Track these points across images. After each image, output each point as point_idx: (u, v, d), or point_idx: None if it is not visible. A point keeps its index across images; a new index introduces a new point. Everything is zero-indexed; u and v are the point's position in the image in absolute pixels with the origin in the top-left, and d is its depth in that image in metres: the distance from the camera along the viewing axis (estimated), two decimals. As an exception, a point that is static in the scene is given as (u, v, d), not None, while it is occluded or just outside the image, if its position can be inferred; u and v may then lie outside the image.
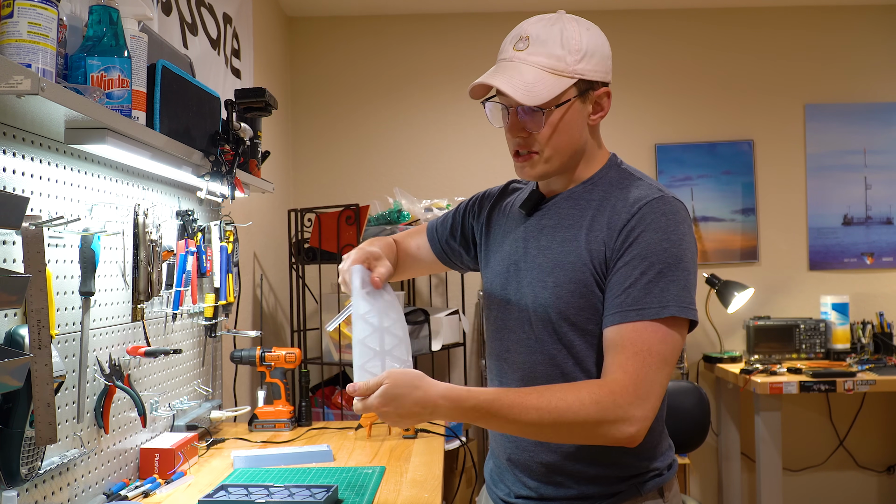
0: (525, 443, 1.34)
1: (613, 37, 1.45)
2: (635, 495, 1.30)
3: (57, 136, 1.35)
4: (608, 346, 1.23)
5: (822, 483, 3.89)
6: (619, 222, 1.25)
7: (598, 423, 1.17)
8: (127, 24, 1.44)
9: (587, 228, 1.29)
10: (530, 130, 1.29)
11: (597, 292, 1.26)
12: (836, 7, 3.95)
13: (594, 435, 1.20)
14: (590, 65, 1.28)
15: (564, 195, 1.36)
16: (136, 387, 1.73)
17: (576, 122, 1.30)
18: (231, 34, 2.73)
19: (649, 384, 1.18)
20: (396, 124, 3.94)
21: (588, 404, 1.17)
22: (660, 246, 1.22)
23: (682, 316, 1.21)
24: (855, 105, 3.94)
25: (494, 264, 1.43)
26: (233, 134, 1.95)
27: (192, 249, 1.97)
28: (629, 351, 1.19)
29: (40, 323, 1.24)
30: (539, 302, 1.30)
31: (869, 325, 3.67)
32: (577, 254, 1.28)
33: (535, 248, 1.34)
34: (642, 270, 1.21)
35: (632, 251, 1.22)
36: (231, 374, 2.56)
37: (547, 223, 1.35)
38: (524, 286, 1.34)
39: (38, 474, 1.28)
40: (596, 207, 1.30)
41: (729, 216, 3.93)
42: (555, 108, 1.27)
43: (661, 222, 1.23)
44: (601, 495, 1.30)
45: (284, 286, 3.51)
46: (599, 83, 1.32)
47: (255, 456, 1.87)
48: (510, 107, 1.30)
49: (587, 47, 1.28)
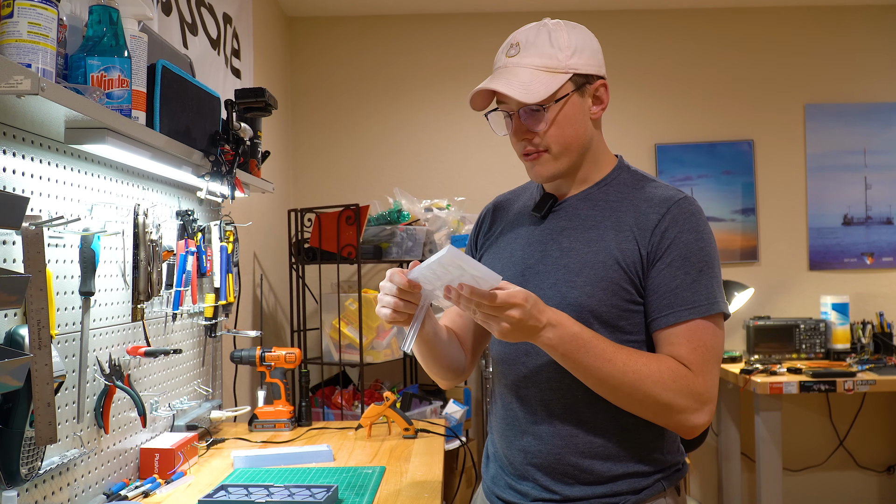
0: (551, 445, 1.33)
1: (613, 36, 1.47)
2: (660, 492, 1.33)
3: (57, 136, 1.35)
4: (664, 345, 1.27)
5: (822, 483, 3.89)
6: (649, 223, 1.29)
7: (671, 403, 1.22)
8: (127, 24, 1.44)
9: (614, 229, 1.31)
10: (534, 130, 1.31)
11: (629, 289, 1.29)
12: (836, 7, 3.96)
13: (668, 411, 1.23)
14: (581, 59, 1.32)
15: (580, 196, 1.38)
16: (136, 387, 1.73)
17: (577, 117, 1.33)
18: (231, 34, 2.73)
19: (712, 378, 1.25)
20: (396, 124, 3.94)
21: (668, 380, 1.21)
22: (696, 245, 1.27)
23: (725, 311, 1.27)
24: (855, 105, 3.94)
25: (504, 269, 1.40)
26: (233, 134, 1.95)
27: (192, 249, 1.97)
28: (688, 347, 1.24)
29: (40, 323, 1.24)
30: (568, 301, 1.29)
31: (869, 325, 3.67)
32: (606, 253, 1.30)
33: (556, 249, 1.35)
34: (686, 271, 1.26)
35: (671, 252, 1.27)
36: (231, 374, 2.56)
37: (566, 225, 1.36)
38: (546, 288, 1.32)
39: (38, 474, 1.28)
40: (616, 208, 1.34)
41: (729, 216, 3.93)
42: (554, 104, 1.30)
43: (693, 222, 1.28)
44: (628, 491, 1.31)
45: (284, 286, 3.51)
46: (595, 76, 1.34)
47: (255, 456, 1.87)
48: (511, 112, 1.33)
49: (576, 43, 1.32)
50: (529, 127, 1.31)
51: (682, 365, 1.23)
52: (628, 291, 1.28)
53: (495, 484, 1.43)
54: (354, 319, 2.98)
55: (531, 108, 1.29)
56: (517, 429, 1.37)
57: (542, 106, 1.29)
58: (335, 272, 3.28)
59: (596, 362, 1.21)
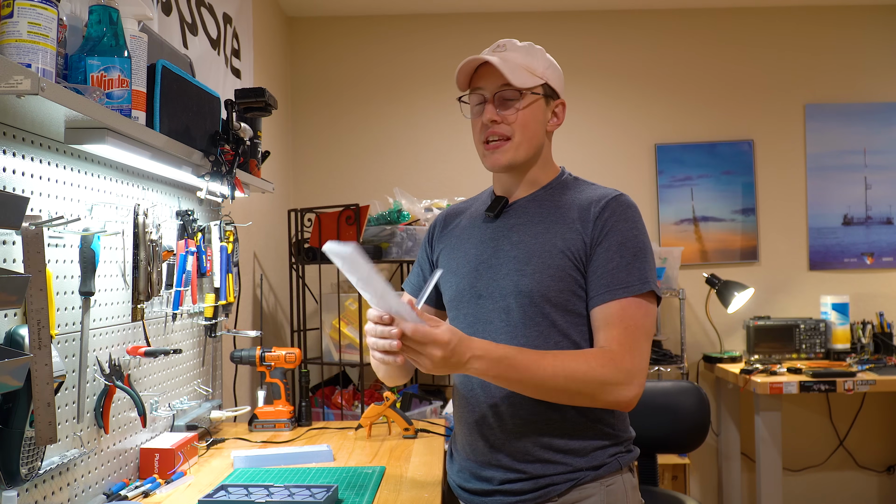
0: (512, 425, 1.45)
1: (614, 36, 1.51)
2: (616, 469, 1.45)
3: (57, 136, 1.35)
4: (600, 322, 1.41)
5: (822, 483, 3.89)
6: (591, 215, 1.45)
7: (604, 384, 1.35)
8: (127, 24, 1.44)
9: (560, 223, 1.47)
10: (504, 113, 1.47)
11: (574, 275, 1.43)
12: (836, 7, 3.95)
13: (600, 393, 1.36)
14: (552, 75, 1.51)
15: (528, 198, 1.54)
16: (136, 387, 1.73)
17: (540, 118, 1.50)
18: (231, 34, 2.73)
19: (641, 354, 1.39)
20: (396, 124, 3.94)
21: (596, 367, 1.35)
22: (631, 233, 1.43)
23: (656, 291, 1.43)
24: (855, 105, 3.94)
25: (459, 267, 1.55)
26: (233, 134, 1.95)
27: (192, 249, 1.97)
28: (620, 326, 1.38)
29: (40, 323, 1.24)
30: (520, 288, 1.44)
31: (869, 325, 3.67)
32: (552, 244, 1.45)
33: (507, 244, 1.50)
34: (622, 254, 1.41)
35: (609, 238, 1.42)
36: (231, 374, 2.56)
37: (516, 222, 1.52)
38: (500, 278, 1.47)
39: (38, 474, 1.28)
40: (560, 205, 1.50)
41: (729, 216, 3.93)
42: (530, 94, 1.47)
43: (629, 214, 1.45)
44: (587, 467, 1.43)
45: (284, 286, 3.51)
46: (558, 95, 1.54)
47: (255, 456, 1.87)
48: (487, 97, 1.48)
49: (549, 63, 1.52)
50: (500, 110, 1.47)
51: (605, 349, 1.38)
52: (574, 278, 1.43)
53: (461, 478, 1.54)
54: (354, 319, 2.98)
55: (507, 96, 1.46)
56: (479, 417, 1.48)
57: (521, 91, 1.45)
58: (335, 272, 3.27)
59: (526, 375, 1.33)
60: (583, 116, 3.89)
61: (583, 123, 3.89)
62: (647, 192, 3.89)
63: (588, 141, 3.89)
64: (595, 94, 3.93)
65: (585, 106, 3.90)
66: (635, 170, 3.90)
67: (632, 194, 1.56)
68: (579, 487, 1.42)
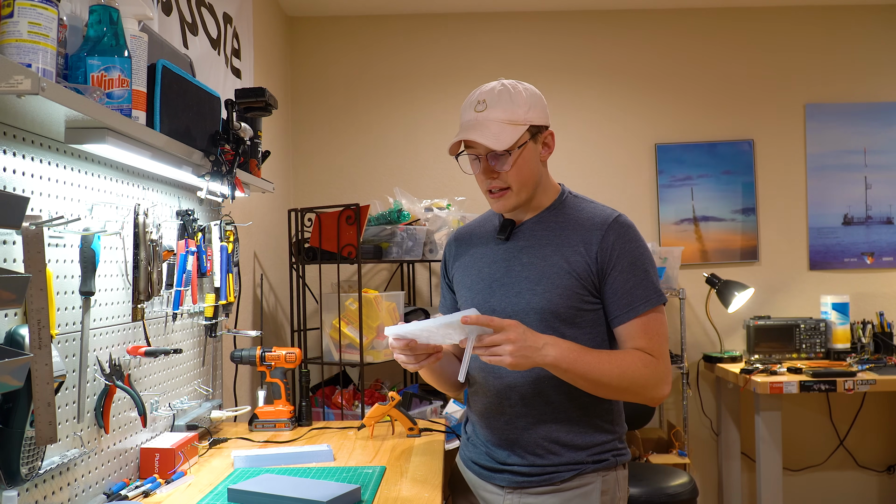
0: (525, 422, 1.61)
1: (614, 36, 1.51)
2: (613, 466, 1.63)
3: (57, 135, 1.35)
4: (626, 336, 1.58)
5: (822, 483, 3.89)
6: (594, 239, 1.59)
7: (647, 383, 1.54)
8: (127, 24, 1.44)
9: (564, 245, 1.62)
10: (499, 170, 1.60)
11: (580, 293, 1.59)
12: (836, 7, 3.95)
13: (643, 390, 1.54)
14: (535, 113, 1.60)
15: (534, 220, 1.68)
16: (137, 387, 1.73)
17: (532, 159, 1.62)
18: (231, 34, 2.73)
19: (667, 357, 1.59)
20: (396, 124, 3.94)
21: (640, 367, 1.53)
22: (638, 252, 1.60)
23: (665, 300, 1.61)
24: (855, 105, 3.94)
25: (474, 283, 1.70)
26: (233, 134, 1.95)
27: (192, 249, 1.97)
28: (646, 337, 1.56)
29: (40, 323, 1.24)
30: (532, 305, 1.59)
31: (869, 325, 3.67)
32: (559, 265, 1.60)
33: (518, 265, 1.65)
34: (635, 273, 1.58)
35: (621, 261, 1.58)
36: (231, 374, 2.56)
37: (525, 244, 1.66)
38: (512, 296, 1.62)
39: (39, 474, 1.28)
40: (564, 227, 1.64)
41: (729, 216, 3.93)
42: (517, 150, 1.58)
43: (631, 234, 1.61)
44: (589, 461, 1.60)
45: (284, 286, 3.51)
46: (544, 127, 1.64)
47: (255, 456, 1.87)
48: (479, 156, 1.61)
49: (530, 101, 1.60)
50: (495, 167, 1.60)
51: (645, 353, 1.55)
52: (580, 295, 1.58)
53: (475, 453, 1.71)
54: (354, 319, 2.98)
55: (497, 154, 1.57)
56: (496, 411, 1.65)
57: (508, 151, 1.57)
58: (335, 272, 3.28)
59: (589, 368, 1.50)
60: (583, 116, 3.89)
61: (583, 123, 3.89)
62: (648, 191, 3.89)
63: (588, 141, 3.89)
64: (595, 93, 3.93)
65: (586, 106, 3.90)
66: (635, 169, 3.89)
67: (632, 194, 1.59)
68: (580, 476, 1.60)
